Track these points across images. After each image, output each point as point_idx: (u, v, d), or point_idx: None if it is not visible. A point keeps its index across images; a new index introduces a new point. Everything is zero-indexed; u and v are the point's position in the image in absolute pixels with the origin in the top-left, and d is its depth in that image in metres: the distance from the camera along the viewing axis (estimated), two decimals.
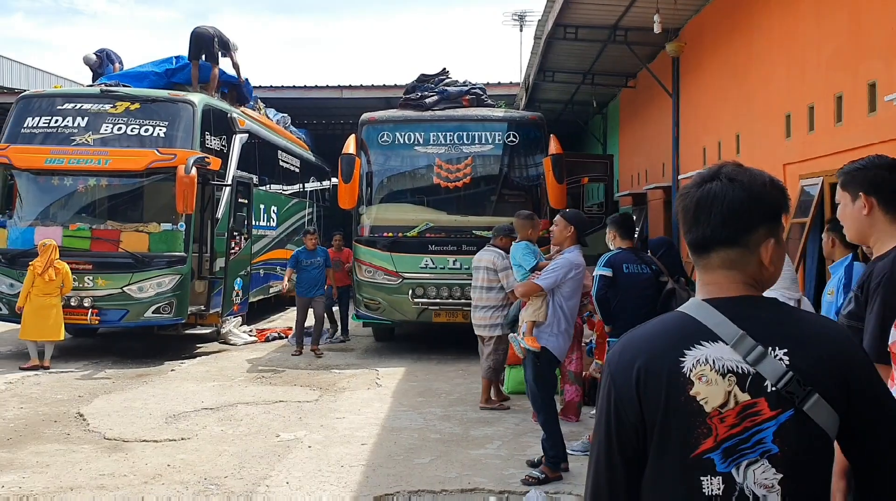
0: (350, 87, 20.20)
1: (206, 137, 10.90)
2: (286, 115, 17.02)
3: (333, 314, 12.32)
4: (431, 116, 11.20)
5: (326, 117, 23.31)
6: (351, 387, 8.72)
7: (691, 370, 1.49)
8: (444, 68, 12.57)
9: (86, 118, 10.69)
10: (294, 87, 20.36)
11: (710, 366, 1.49)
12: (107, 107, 10.78)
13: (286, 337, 12.22)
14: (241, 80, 13.36)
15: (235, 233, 11.74)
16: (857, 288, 2.42)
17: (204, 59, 12.37)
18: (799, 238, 7.52)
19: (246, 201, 12.36)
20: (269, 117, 15.55)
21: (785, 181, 7.68)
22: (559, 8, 10.98)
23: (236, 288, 11.95)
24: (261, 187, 13.34)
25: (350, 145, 10.75)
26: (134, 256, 10.16)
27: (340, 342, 12.03)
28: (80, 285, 10.00)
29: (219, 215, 11.11)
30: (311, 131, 20.34)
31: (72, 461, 5.91)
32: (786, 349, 1.49)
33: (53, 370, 9.53)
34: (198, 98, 11.01)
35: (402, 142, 10.99)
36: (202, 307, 10.92)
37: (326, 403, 7.95)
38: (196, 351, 11.15)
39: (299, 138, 17.55)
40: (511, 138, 11.03)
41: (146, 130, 10.56)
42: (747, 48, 9.45)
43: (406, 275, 10.53)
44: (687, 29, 11.74)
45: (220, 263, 11.20)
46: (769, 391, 1.47)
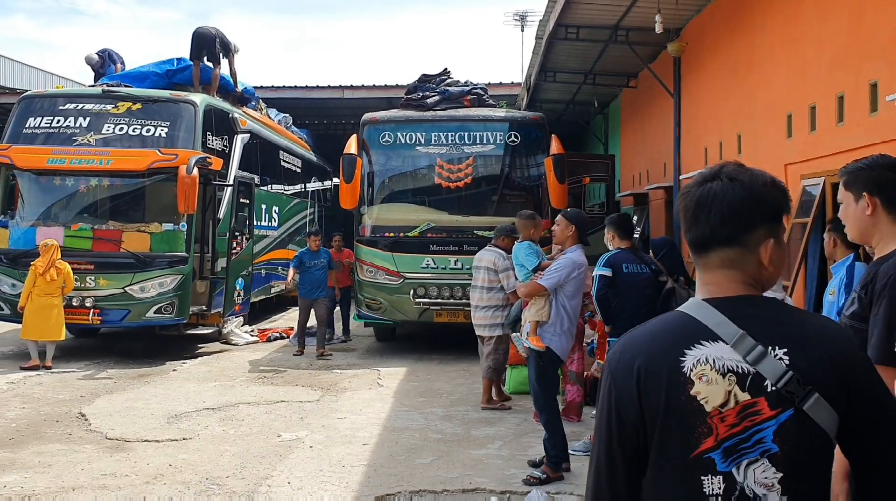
0: (351, 87, 20.19)
1: (208, 137, 10.91)
2: (288, 115, 17.03)
3: (333, 315, 12.32)
4: (433, 116, 11.20)
5: (328, 117, 23.31)
6: (352, 387, 8.73)
7: (692, 370, 1.49)
8: (446, 68, 12.56)
9: (87, 118, 10.71)
10: (295, 87, 20.36)
11: (710, 366, 1.49)
12: (108, 107, 10.79)
13: (288, 337, 12.22)
14: (237, 87, 13.15)
15: (237, 233, 11.74)
16: (861, 289, 2.41)
17: (206, 59, 12.38)
18: (800, 238, 7.51)
19: (247, 202, 12.36)
20: (270, 117, 15.56)
21: (786, 181, 7.68)
22: (560, 8, 10.97)
23: (238, 288, 11.96)
24: (262, 188, 13.35)
25: (351, 145, 10.76)
26: (135, 256, 10.17)
27: (342, 343, 12.04)
28: (82, 286, 10.01)
29: (220, 215, 11.13)
30: (313, 131, 20.34)
31: (74, 461, 5.91)
32: (786, 348, 1.49)
33: (55, 370, 9.54)
34: (199, 98, 11.03)
35: (403, 142, 10.99)
36: (204, 307, 10.94)
37: (328, 403, 7.95)
38: (197, 351, 11.16)
39: (301, 138, 17.56)
40: (512, 138, 11.03)
41: (148, 131, 10.58)
42: (749, 48, 9.44)
43: (407, 275, 10.54)
44: (688, 29, 11.73)
45: (221, 263, 11.21)
46: (769, 390, 1.47)
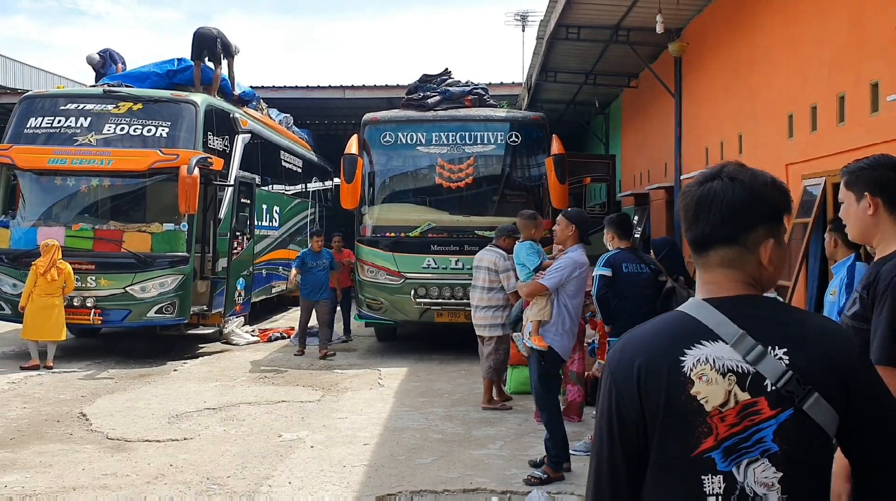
0: (352, 87, 20.18)
1: (209, 137, 10.91)
2: (289, 115, 17.03)
3: (333, 315, 12.29)
4: (434, 116, 11.20)
5: (329, 118, 23.31)
6: (353, 387, 8.73)
7: (692, 370, 1.49)
8: (447, 68, 12.56)
9: (88, 119, 10.71)
10: (296, 87, 20.36)
11: (710, 365, 1.49)
12: (109, 107, 10.80)
13: (288, 337, 12.22)
14: (234, 90, 13.06)
15: (238, 233, 11.75)
16: (863, 289, 2.39)
17: (207, 59, 12.39)
18: (801, 238, 7.51)
19: (248, 202, 12.37)
20: (271, 117, 15.57)
21: (787, 181, 7.68)
22: (561, 8, 10.96)
23: (239, 288, 11.96)
24: (263, 188, 13.35)
25: (352, 145, 10.76)
26: (136, 256, 10.17)
27: (342, 342, 12.04)
28: (83, 286, 10.01)
29: (221, 215, 11.14)
30: (314, 131, 20.34)
31: (74, 460, 5.92)
32: (785, 348, 1.49)
33: (56, 370, 9.54)
34: (200, 98, 11.03)
35: (404, 142, 10.99)
36: (204, 308, 10.95)
37: (329, 403, 7.96)
38: (198, 351, 11.16)
39: (302, 138, 17.57)
40: (513, 139, 11.03)
41: (149, 131, 10.58)
42: (749, 48, 9.43)
43: (408, 275, 10.54)
44: (689, 29, 11.72)
45: (222, 263, 11.22)
46: (769, 390, 1.47)
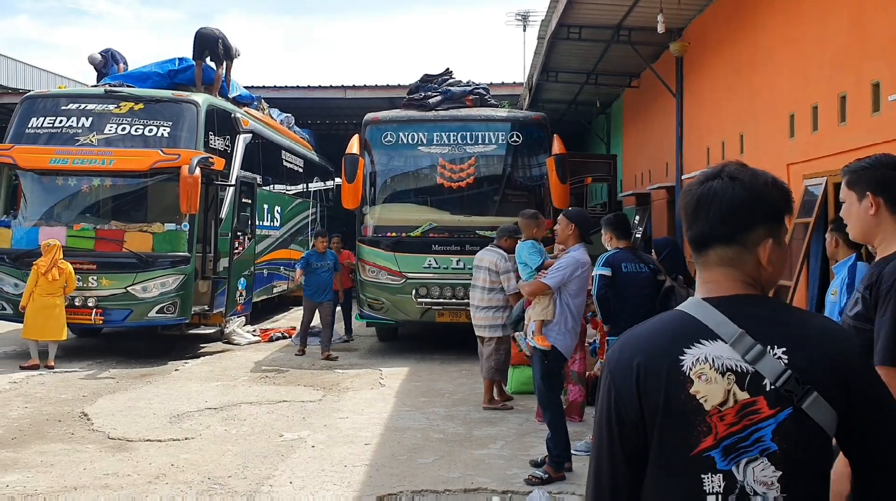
0: (354, 87, 20.19)
1: (210, 137, 10.92)
2: (290, 115, 17.04)
3: (334, 316, 12.29)
4: (435, 116, 11.20)
5: (330, 117, 23.32)
6: (354, 387, 8.73)
7: (691, 369, 1.50)
8: (448, 68, 12.57)
9: (90, 118, 10.72)
10: (298, 87, 20.37)
11: (709, 364, 1.49)
12: (111, 107, 10.81)
13: (290, 337, 12.22)
14: (229, 92, 12.91)
15: (239, 233, 11.76)
16: (865, 289, 2.39)
17: (208, 59, 12.39)
18: (802, 238, 7.51)
19: (250, 201, 12.38)
20: (272, 117, 15.57)
21: (789, 181, 7.67)
22: (562, 8, 10.95)
23: (240, 288, 11.97)
24: (264, 187, 13.36)
25: (353, 145, 10.76)
26: (138, 256, 10.18)
27: (344, 342, 12.04)
28: (85, 285, 10.02)
29: (222, 215, 11.15)
30: (315, 131, 20.35)
31: (76, 460, 5.92)
32: (785, 347, 1.49)
33: (58, 369, 9.55)
34: (201, 98, 11.04)
35: (405, 142, 11.00)
36: (206, 307, 10.95)
37: (330, 403, 7.96)
38: (200, 351, 11.17)
39: (303, 138, 17.58)
40: (514, 138, 11.03)
41: (150, 131, 10.59)
42: (751, 48, 9.43)
43: (409, 275, 10.54)
44: (690, 29, 11.72)
45: (223, 263, 11.23)
46: (768, 389, 1.48)
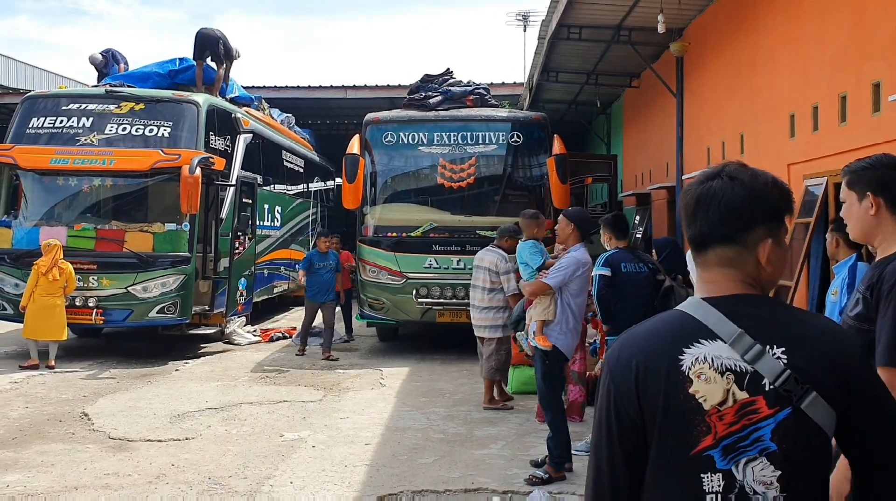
0: (354, 87, 20.19)
1: (211, 137, 10.92)
2: (290, 115, 17.04)
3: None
4: (435, 116, 11.20)
5: (331, 117, 23.33)
6: (355, 387, 8.73)
7: (690, 368, 1.50)
8: (448, 68, 12.56)
9: (90, 119, 10.73)
10: (298, 87, 20.37)
11: (708, 364, 1.49)
12: (111, 107, 10.81)
13: (290, 337, 12.23)
14: (226, 94, 12.84)
15: (240, 233, 11.77)
16: (866, 290, 2.38)
17: (209, 59, 12.39)
18: (803, 238, 7.51)
19: (250, 201, 12.39)
20: (273, 117, 15.57)
21: (789, 181, 7.67)
22: (563, 8, 10.95)
23: (240, 288, 11.97)
24: (265, 187, 13.37)
25: (354, 145, 10.76)
26: (138, 256, 10.18)
27: (344, 343, 12.04)
28: (85, 285, 10.02)
29: (223, 215, 11.15)
30: (316, 131, 20.35)
31: (76, 460, 5.93)
32: (784, 347, 1.49)
33: (58, 369, 9.55)
34: (202, 98, 11.04)
35: (405, 142, 11.00)
36: (206, 307, 10.95)
37: (330, 403, 7.96)
38: (200, 351, 11.17)
39: (303, 138, 17.58)
40: (515, 139, 11.03)
41: (151, 131, 10.60)
42: (751, 48, 9.43)
43: (410, 275, 10.54)
44: (691, 29, 11.71)
45: (224, 263, 11.23)
46: (767, 389, 1.48)
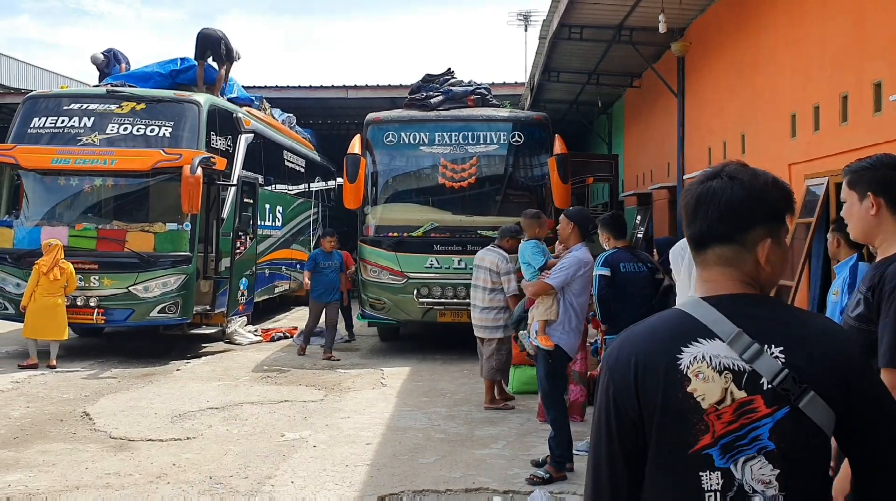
0: (355, 87, 20.19)
1: (212, 137, 10.92)
2: (292, 115, 17.04)
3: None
4: (436, 116, 11.20)
5: (332, 117, 23.33)
6: (356, 387, 8.74)
7: (688, 367, 1.50)
8: (449, 68, 12.57)
9: (92, 118, 10.73)
10: (299, 87, 20.37)
11: (706, 363, 1.50)
12: (113, 107, 10.82)
13: (291, 337, 12.23)
14: (224, 94, 12.76)
15: (241, 233, 11.77)
16: (867, 290, 2.38)
17: (211, 59, 12.39)
18: (804, 238, 7.50)
19: (251, 201, 12.39)
20: (274, 117, 15.58)
21: (790, 181, 7.67)
22: (564, 8, 10.95)
23: (241, 288, 11.97)
24: (266, 187, 13.37)
25: (355, 145, 10.76)
26: (140, 256, 10.18)
27: (345, 342, 12.04)
28: (86, 285, 10.03)
29: (224, 214, 11.15)
30: (317, 131, 20.35)
31: (78, 460, 5.93)
32: (782, 347, 1.50)
33: (59, 369, 9.56)
34: (203, 98, 11.05)
35: (407, 142, 11.00)
36: (207, 307, 10.95)
37: (331, 403, 7.96)
38: (201, 351, 11.18)
39: (305, 138, 17.58)
40: (516, 138, 11.03)
41: (152, 131, 10.60)
42: (753, 48, 9.42)
43: (411, 275, 10.54)
44: (692, 29, 11.71)
45: (225, 263, 11.24)
46: (765, 388, 1.48)
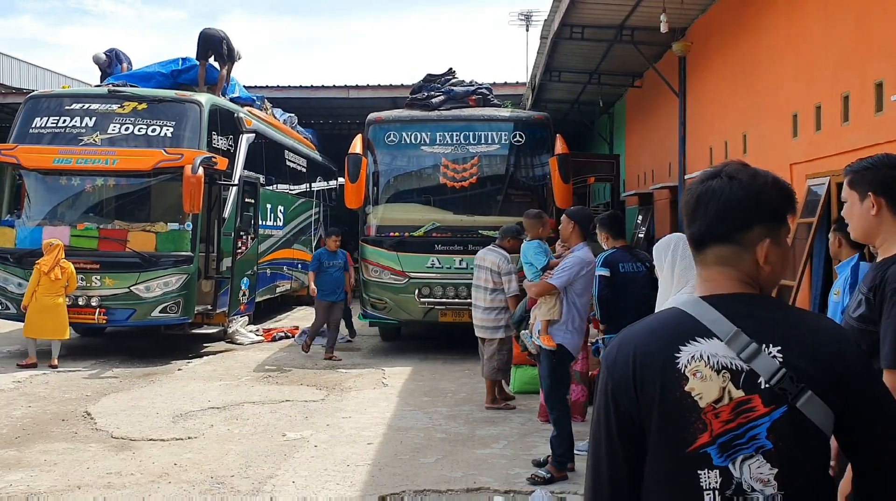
0: (357, 87, 20.17)
1: (213, 136, 10.93)
2: (293, 115, 17.05)
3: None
4: (438, 115, 11.20)
5: (333, 117, 23.33)
6: (357, 387, 8.74)
7: (686, 366, 1.51)
8: (451, 68, 12.57)
9: (93, 118, 10.74)
10: (301, 87, 20.36)
11: (704, 362, 1.50)
12: (114, 107, 10.83)
13: (292, 337, 12.23)
14: (226, 94, 12.72)
15: (242, 233, 11.77)
16: (869, 291, 2.38)
17: (212, 59, 12.40)
18: (806, 238, 7.50)
19: (253, 201, 12.40)
20: (275, 117, 15.58)
21: (792, 181, 7.67)
22: (565, 8, 10.94)
23: (243, 288, 11.98)
24: (268, 187, 13.38)
25: (356, 145, 10.76)
26: (141, 255, 10.19)
27: (346, 342, 12.04)
28: (88, 285, 10.04)
29: (226, 214, 11.16)
30: (318, 131, 20.36)
31: (79, 459, 5.94)
32: (780, 346, 1.50)
33: (61, 369, 9.56)
34: (205, 98, 11.05)
35: (408, 142, 11.01)
36: (209, 307, 10.96)
37: (332, 402, 7.97)
38: (203, 351, 11.18)
39: (306, 138, 17.59)
40: (517, 138, 11.03)
41: (153, 130, 10.61)
42: (754, 48, 9.42)
43: (412, 275, 10.55)
44: (693, 28, 11.70)
45: (226, 262, 11.24)
46: (763, 387, 1.48)
